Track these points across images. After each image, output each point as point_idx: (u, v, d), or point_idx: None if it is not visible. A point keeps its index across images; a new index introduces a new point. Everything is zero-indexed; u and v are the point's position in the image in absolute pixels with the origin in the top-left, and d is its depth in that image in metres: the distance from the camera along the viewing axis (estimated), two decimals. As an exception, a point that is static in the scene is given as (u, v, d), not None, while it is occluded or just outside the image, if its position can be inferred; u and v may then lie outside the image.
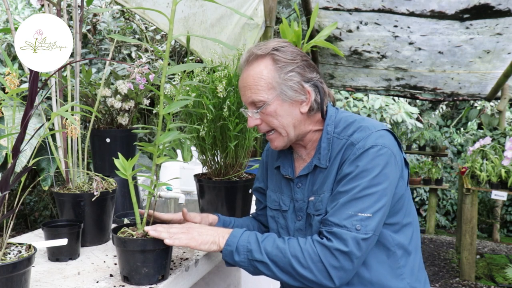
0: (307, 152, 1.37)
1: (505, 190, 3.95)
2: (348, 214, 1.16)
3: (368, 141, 1.21)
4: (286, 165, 1.40)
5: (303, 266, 1.15)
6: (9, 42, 3.69)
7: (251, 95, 1.28)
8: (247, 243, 1.21)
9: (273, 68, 1.26)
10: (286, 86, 1.26)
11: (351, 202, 1.17)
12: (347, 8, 3.86)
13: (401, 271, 1.27)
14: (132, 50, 4.23)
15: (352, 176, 1.19)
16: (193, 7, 2.73)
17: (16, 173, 1.19)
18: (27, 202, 4.22)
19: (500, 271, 4.44)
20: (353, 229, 1.14)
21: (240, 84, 1.33)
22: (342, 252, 1.13)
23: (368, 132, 1.24)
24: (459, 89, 5.78)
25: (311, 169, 1.31)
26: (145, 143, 1.25)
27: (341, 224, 1.15)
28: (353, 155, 1.21)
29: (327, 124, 1.32)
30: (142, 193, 2.04)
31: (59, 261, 1.36)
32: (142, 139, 3.83)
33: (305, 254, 1.15)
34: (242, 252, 1.20)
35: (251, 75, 1.28)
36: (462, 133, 8.09)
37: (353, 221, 1.15)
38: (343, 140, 1.27)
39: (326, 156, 1.29)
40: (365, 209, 1.16)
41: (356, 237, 1.14)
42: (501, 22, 3.76)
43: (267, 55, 1.27)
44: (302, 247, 1.16)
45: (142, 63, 1.31)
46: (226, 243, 1.22)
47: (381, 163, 1.19)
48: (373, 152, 1.19)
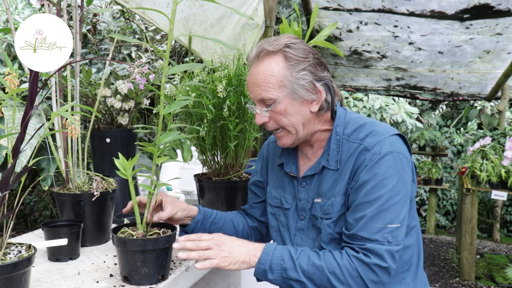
0: (313, 152, 1.34)
1: (505, 190, 3.95)
2: (378, 228, 1.15)
3: (384, 147, 1.20)
4: (290, 162, 1.37)
5: (341, 283, 1.14)
6: (9, 42, 3.69)
7: (260, 92, 1.24)
8: (280, 260, 1.18)
9: (284, 66, 1.22)
10: (298, 85, 1.23)
11: (378, 214, 1.16)
12: (347, 8, 3.86)
13: (404, 275, 1.27)
14: (132, 50, 4.23)
15: (373, 185, 1.17)
16: (193, 7, 2.73)
17: (16, 173, 1.19)
18: (27, 202, 4.22)
19: (500, 271, 4.44)
20: (385, 242, 1.14)
21: (249, 80, 1.28)
22: (381, 268, 1.13)
23: (382, 137, 1.22)
24: (459, 89, 5.78)
25: (319, 169, 1.29)
26: (145, 143, 1.25)
27: (373, 239, 1.14)
28: (369, 161, 1.19)
29: (336, 125, 1.29)
30: (142, 193, 2.04)
31: (59, 261, 1.36)
32: (142, 139, 3.83)
33: (344, 271, 1.14)
34: (276, 271, 1.17)
35: (261, 71, 1.24)
36: (462, 133, 8.09)
37: (384, 234, 1.15)
38: (354, 143, 1.25)
39: (335, 158, 1.26)
40: (393, 220, 1.16)
41: (390, 250, 1.14)
42: (501, 22, 3.75)
43: (279, 52, 1.23)
44: (340, 264, 1.14)
45: (142, 63, 1.31)
46: (259, 262, 1.19)
47: (399, 170, 1.18)
48: (390, 159, 1.19)
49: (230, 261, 1.19)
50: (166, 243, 1.20)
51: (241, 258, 1.19)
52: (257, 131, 1.81)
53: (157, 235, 1.22)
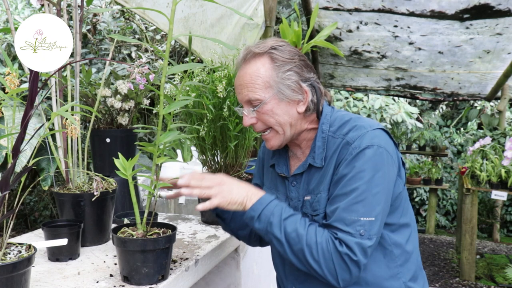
0: (302, 151, 1.36)
1: (505, 190, 3.95)
2: (351, 220, 1.15)
3: (364, 141, 1.20)
4: (281, 163, 1.39)
5: (313, 258, 1.16)
6: (9, 42, 3.69)
7: (247, 93, 1.26)
8: (270, 214, 1.20)
9: (270, 67, 1.25)
10: (284, 85, 1.24)
11: (352, 206, 1.16)
12: (347, 8, 3.86)
13: (397, 270, 1.27)
14: (132, 50, 4.23)
15: (350, 177, 1.18)
16: (193, 7, 2.73)
17: (16, 173, 1.19)
18: (27, 202, 4.22)
19: (500, 271, 4.44)
20: (357, 235, 1.14)
21: (236, 82, 1.31)
22: (351, 260, 1.14)
23: (364, 131, 1.23)
24: (459, 89, 5.78)
25: (306, 168, 1.31)
26: (145, 143, 1.25)
27: (345, 230, 1.15)
28: (349, 155, 1.20)
29: (322, 123, 1.31)
30: (142, 193, 2.04)
31: (59, 261, 1.36)
32: (142, 139, 3.83)
33: (319, 248, 1.15)
34: (263, 221, 1.21)
35: (248, 73, 1.26)
36: (462, 133, 8.09)
37: (356, 227, 1.15)
38: (338, 139, 1.26)
39: (321, 155, 1.28)
40: (367, 213, 1.16)
41: (360, 243, 1.14)
42: (501, 22, 3.76)
43: (265, 54, 1.26)
44: (318, 240, 1.16)
45: (142, 63, 1.31)
46: (251, 208, 1.22)
47: (377, 164, 1.18)
48: (369, 152, 1.19)
49: (229, 201, 1.22)
50: (166, 243, 1.20)
51: (239, 200, 1.23)
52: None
53: (157, 235, 1.22)
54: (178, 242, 1.55)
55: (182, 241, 1.57)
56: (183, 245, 1.52)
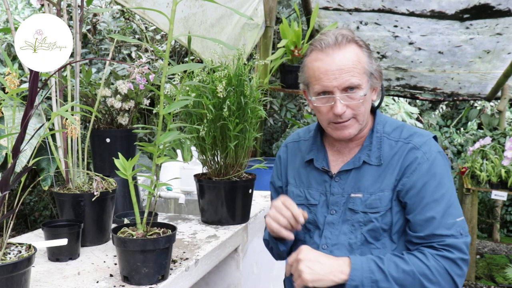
0: (349, 148, 1.35)
1: (505, 190, 3.94)
2: (451, 223, 1.21)
3: (432, 148, 1.27)
4: (320, 158, 1.38)
5: (432, 283, 1.18)
6: (9, 42, 3.69)
7: (349, 78, 1.22)
8: (370, 273, 1.19)
9: (365, 54, 1.27)
10: (375, 72, 1.28)
11: (448, 211, 1.22)
12: (347, 8, 3.86)
13: None
14: (132, 50, 4.23)
15: (435, 184, 1.24)
16: (193, 7, 2.73)
17: (16, 173, 1.19)
18: (27, 202, 4.22)
19: (500, 271, 4.44)
20: (459, 236, 1.21)
21: (327, 66, 1.23)
22: (464, 260, 1.20)
23: (427, 137, 1.30)
24: (459, 89, 5.77)
25: (358, 164, 1.30)
26: (145, 143, 1.25)
27: (449, 234, 1.20)
28: (422, 160, 1.25)
29: (377, 123, 1.33)
30: (142, 193, 2.04)
31: (59, 261, 1.36)
32: (142, 139, 3.82)
33: (433, 270, 1.18)
34: (367, 284, 1.18)
35: (348, 57, 1.23)
36: (462, 133, 8.09)
37: (456, 228, 1.21)
38: (398, 142, 1.29)
39: (376, 154, 1.29)
40: (459, 214, 1.24)
41: (466, 242, 1.21)
42: (501, 22, 3.75)
43: (353, 41, 1.27)
44: (428, 264, 1.19)
45: (142, 63, 1.31)
46: (350, 278, 1.18)
47: (448, 168, 1.28)
48: (441, 159, 1.27)
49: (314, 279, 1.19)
50: (166, 243, 1.20)
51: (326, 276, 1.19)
52: (257, 131, 1.81)
53: (157, 235, 1.22)
54: (178, 242, 1.55)
55: (182, 241, 1.57)
56: (183, 245, 1.52)
